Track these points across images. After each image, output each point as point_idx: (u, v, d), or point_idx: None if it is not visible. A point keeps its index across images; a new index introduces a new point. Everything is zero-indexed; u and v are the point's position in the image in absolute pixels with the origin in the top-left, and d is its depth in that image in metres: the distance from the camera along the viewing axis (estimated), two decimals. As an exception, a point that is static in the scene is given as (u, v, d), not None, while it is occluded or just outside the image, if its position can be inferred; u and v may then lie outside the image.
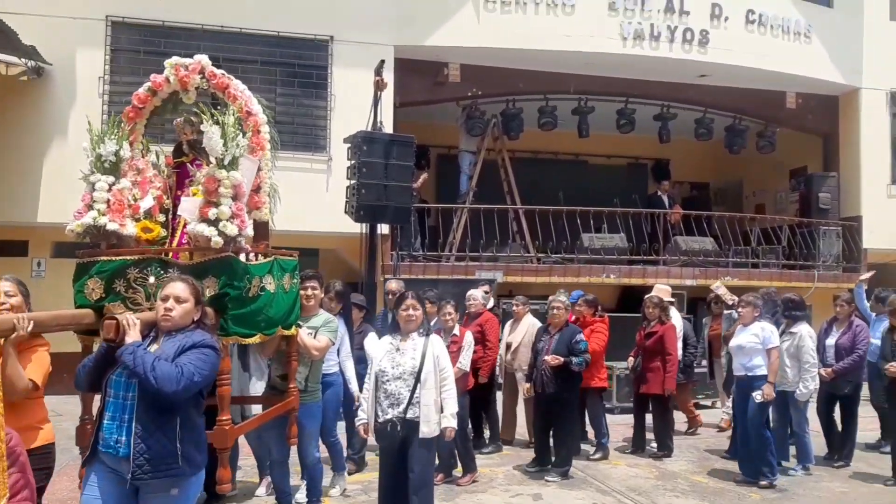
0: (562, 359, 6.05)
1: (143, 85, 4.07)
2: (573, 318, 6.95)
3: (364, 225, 8.45)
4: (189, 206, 3.63)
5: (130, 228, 3.75)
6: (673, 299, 7.67)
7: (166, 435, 2.86)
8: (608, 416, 8.91)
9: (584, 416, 7.22)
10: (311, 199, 9.67)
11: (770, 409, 6.19)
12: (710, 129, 12.40)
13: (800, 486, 6.10)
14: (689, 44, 11.09)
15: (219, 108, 3.86)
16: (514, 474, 6.31)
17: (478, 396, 6.68)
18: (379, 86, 8.39)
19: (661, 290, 7.47)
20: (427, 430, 4.10)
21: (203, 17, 9.59)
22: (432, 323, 5.67)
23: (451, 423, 4.19)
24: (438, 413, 4.17)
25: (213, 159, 3.52)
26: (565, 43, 10.69)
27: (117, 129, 3.83)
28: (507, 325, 7.57)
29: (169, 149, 4.45)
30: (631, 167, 15.21)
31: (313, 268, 5.21)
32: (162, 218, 4.04)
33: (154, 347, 3.00)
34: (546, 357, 6.12)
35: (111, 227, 3.65)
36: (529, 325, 7.28)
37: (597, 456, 6.83)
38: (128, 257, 3.55)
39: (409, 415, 4.09)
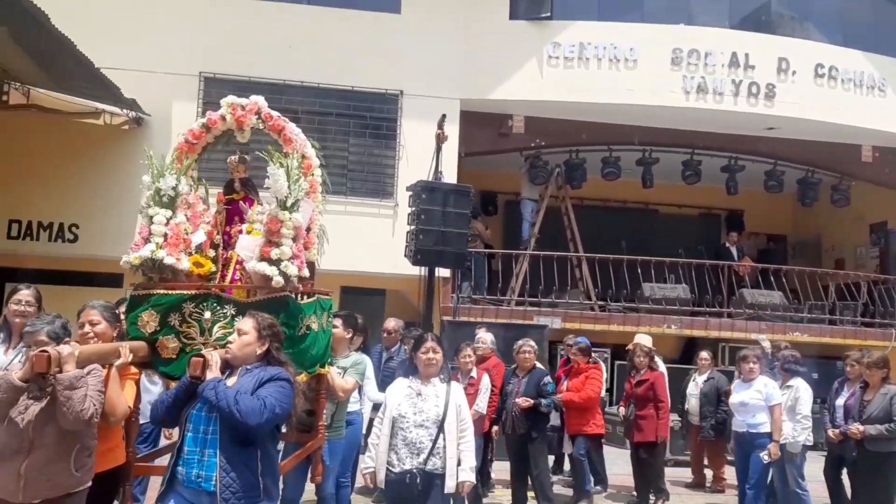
0: (532, 401, 6.24)
1: (198, 121, 4.08)
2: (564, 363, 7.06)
3: (423, 268, 8.86)
4: (248, 243, 3.69)
5: (185, 263, 3.72)
6: (655, 348, 7.63)
7: (249, 468, 2.92)
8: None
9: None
10: (379, 242, 10.27)
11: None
12: (781, 181, 12.21)
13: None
14: (755, 97, 11.01)
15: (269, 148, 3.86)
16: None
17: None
18: (440, 138, 8.86)
19: (644, 338, 7.54)
20: (451, 483, 3.86)
21: (285, 73, 10.41)
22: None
23: (469, 476, 3.93)
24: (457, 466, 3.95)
25: (273, 200, 3.56)
26: (628, 96, 10.88)
27: (175, 163, 3.85)
28: None
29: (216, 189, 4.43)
30: (703, 217, 15.05)
31: (348, 308, 5.30)
32: (212, 253, 4.03)
33: (231, 381, 3.05)
34: (517, 399, 6.31)
35: (168, 260, 3.62)
36: None
37: None
38: (184, 292, 3.54)
39: (429, 466, 3.84)
